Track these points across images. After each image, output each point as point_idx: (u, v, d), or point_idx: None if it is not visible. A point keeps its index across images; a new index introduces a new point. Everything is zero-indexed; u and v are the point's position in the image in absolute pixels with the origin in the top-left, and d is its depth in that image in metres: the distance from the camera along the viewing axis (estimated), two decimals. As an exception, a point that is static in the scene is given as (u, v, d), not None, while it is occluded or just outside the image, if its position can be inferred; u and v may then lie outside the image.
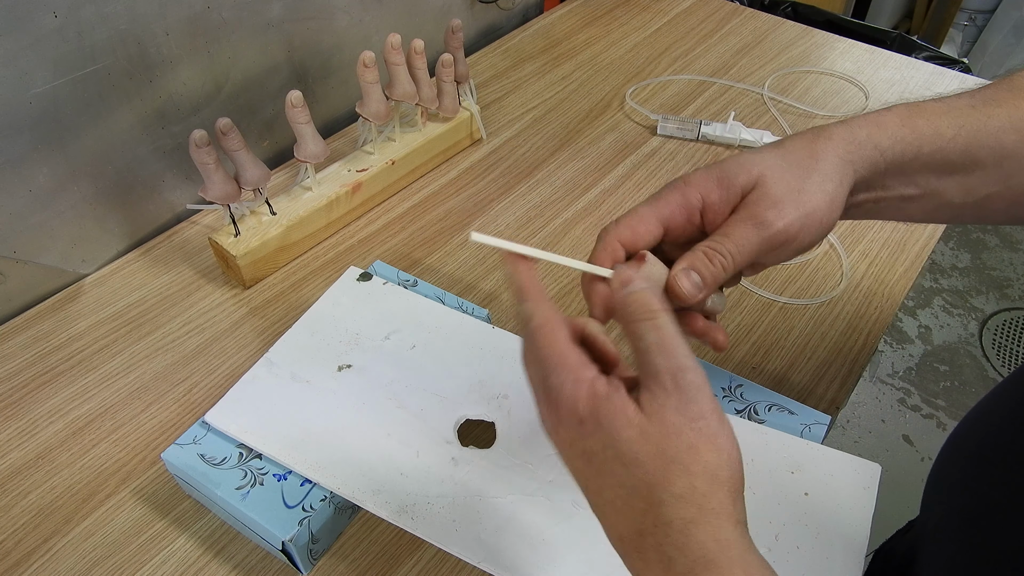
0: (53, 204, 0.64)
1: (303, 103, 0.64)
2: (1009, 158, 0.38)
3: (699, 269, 0.37)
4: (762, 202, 0.36)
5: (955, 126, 0.38)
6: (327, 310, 0.57)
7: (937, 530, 0.43)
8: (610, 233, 0.38)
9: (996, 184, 0.38)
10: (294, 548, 0.45)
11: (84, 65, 0.60)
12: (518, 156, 0.82)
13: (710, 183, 0.38)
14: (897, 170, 0.39)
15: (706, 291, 0.37)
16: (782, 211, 0.36)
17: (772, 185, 0.37)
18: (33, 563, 0.49)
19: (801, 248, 0.38)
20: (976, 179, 0.39)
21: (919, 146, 0.38)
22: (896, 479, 1.52)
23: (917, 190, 0.39)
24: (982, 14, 2.36)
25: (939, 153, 0.38)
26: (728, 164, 0.38)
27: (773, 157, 0.38)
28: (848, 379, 0.59)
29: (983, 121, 0.38)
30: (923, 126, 0.38)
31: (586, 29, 1.03)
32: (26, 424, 0.57)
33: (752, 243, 0.36)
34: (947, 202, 0.40)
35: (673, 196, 0.38)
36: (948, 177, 0.39)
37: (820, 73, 0.94)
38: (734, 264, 0.36)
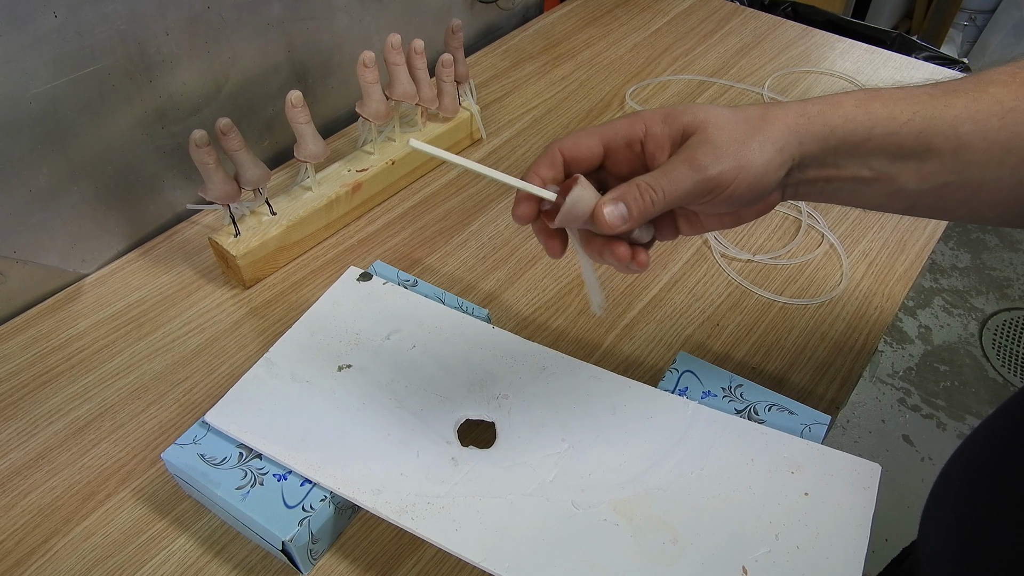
0: (53, 204, 0.64)
1: (303, 103, 0.64)
2: (965, 148, 0.38)
3: (627, 200, 0.37)
4: (702, 147, 0.37)
5: (910, 111, 0.38)
6: (327, 310, 0.57)
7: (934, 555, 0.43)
8: (554, 145, 0.39)
9: (952, 174, 0.38)
10: (294, 548, 0.45)
11: (84, 65, 0.60)
12: (518, 156, 0.82)
13: (656, 116, 0.39)
14: (850, 149, 0.39)
15: (631, 223, 0.38)
16: (719, 158, 0.37)
17: (714, 132, 0.37)
18: (33, 563, 0.49)
19: (734, 200, 0.39)
20: (931, 166, 0.38)
21: (871, 127, 0.38)
22: (896, 479, 1.52)
23: (871, 172, 0.39)
24: (982, 14, 2.36)
25: (892, 136, 0.38)
26: (677, 106, 0.39)
27: (723, 110, 0.39)
28: (848, 379, 0.59)
29: (940, 109, 0.38)
30: (878, 108, 0.38)
31: (586, 29, 1.03)
32: (26, 424, 0.57)
33: (685, 183, 0.37)
34: (902, 188, 0.40)
35: (619, 123, 0.40)
36: (902, 162, 0.39)
37: (820, 73, 0.94)
38: (664, 201, 0.37)
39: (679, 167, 0.37)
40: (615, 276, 0.68)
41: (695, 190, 0.37)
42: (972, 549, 0.38)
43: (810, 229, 0.72)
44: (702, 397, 0.52)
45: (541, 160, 0.39)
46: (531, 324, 0.64)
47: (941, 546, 0.42)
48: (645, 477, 0.47)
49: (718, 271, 0.68)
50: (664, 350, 0.61)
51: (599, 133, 0.39)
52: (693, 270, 0.68)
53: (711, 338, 0.62)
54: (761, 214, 0.41)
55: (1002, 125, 0.37)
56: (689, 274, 0.68)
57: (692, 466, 0.47)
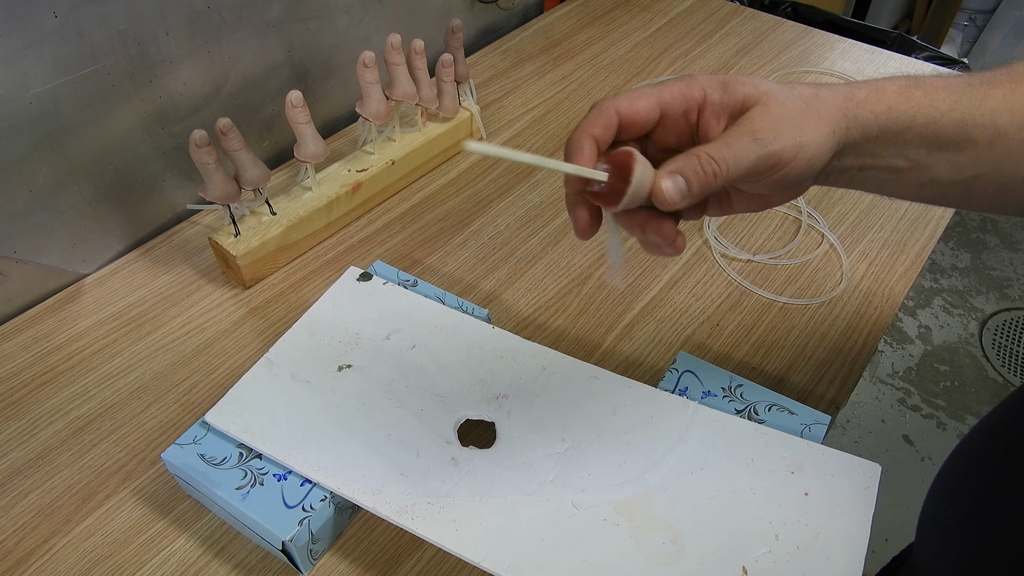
0: (53, 204, 0.64)
1: (303, 103, 0.64)
2: (1002, 138, 0.37)
3: (687, 174, 0.35)
4: (763, 119, 0.35)
5: (951, 101, 0.37)
6: (327, 310, 0.57)
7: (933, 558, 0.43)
8: (609, 100, 0.36)
9: (986, 165, 0.38)
10: (294, 548, 0.45)
11: (84, 65, 0.60)
12: (518, 156, 0.82)
13: (714, 83, 0.37)
14: (889, 138, 0.38)
15: (690, 199, 0.35)
16: (780, 134, 0.35)
17: (775, 107, 0.36)
18: (33, 563, 0.49)
19: (784, 181, 0.37)
20: (966, 157, 0.38)
21: (913, 116, 0.37)
22: (896, 479, 1.52)
23: (906, 162, 0.39)
24: (982, 14, 2.36)
25: (932, 126, 0.37)
26: (735, 76, 0.37)
27: (777, 86, 0.37)
28: (848, 379, 0.59)
29: (979, 100, 0.37)
30: (920, 97, 0.38)
31: (586, 29, 1.03)
32: (26, 424, 0.57)
33: (749, 157, 0.35)
34: (934, 178, 0.39)
35: (676, 84, 0.37)
36: (938, 152, 0.38)
37: (820, 73, 0.94)
38: (726, 175, 0.35)
39: (742, 139, 0.35)
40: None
41: (757, 166, 0.35)
42: (972, 551, 0.38)
43: (810, 229, 0.72)
44: (702, 397, 0.52)
45: (595, 119, 0.36)
46: (531, 324, 0.64)
47: (940, 548, 0.42)
48: (645, 477, 0.47)
49: (718, 271, 0.68)
50: (664, 350, 0.61)
51: (656, 96, 0.37)
52: (693, 270, 0.68)
53: (711, 338, 0.62)
54: (790, 200, 0.41)
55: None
56: (689, 274, 0.68)
57: (692, 466, 0.47)
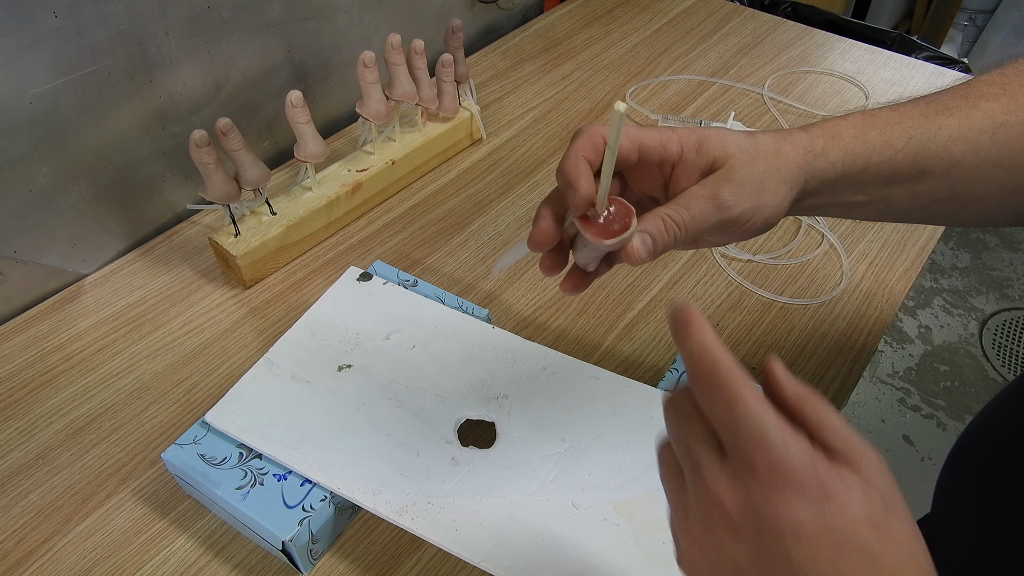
0: (53, 204, 0.64)
1: (303, 103, 0.64)
2: (956, 166, 0.39)
3: (654, 235, 0.38)
4: (726, 184, 0.38)
5: (905, 137, 0.39)
6: (327, 310, 0.57)
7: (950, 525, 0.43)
8: (595, 127, 0.38)
9: (942, 191, 0.40)
10: (294, 548, 0.45)
11: (84, 65, 0.60)
12: (518, 156, 0.82)
13: (692, 142, 0.39)
14: (847, 180, 0.40)
15: (653, 256, 0.38)
16: (741, 198, 0.37)
17: (738, 169, 0.38)
18: (33, 563, 0.49)
19: (741, 235, 0.40)
20: (923, 187, 0.40)
21: (868, 156, 0.39)
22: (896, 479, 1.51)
23: (864, 197, 0.40)
24: (982, 14, 2.36)
25: (888, 163, 0.39)
26: (710, 134, 0.39)
27: (745, 143, 0.39)
28: (848, 379, 0.59)
29: (933, 132, 0.39)
30: (874, 137, 0.39)
31: (586, 29, 1.03)
32: (26, 424, 0.57)
33: (707, 220, 0.38)
34: (893, 207, 0.41)
35: (660, 134, 0.39)
36: (896, 186, 0.40)
37: (820, 73, 0.94)
38: (685, 236, 0.38)
39: (703, 203, 0.37)
40: (615, 276, 0.68)
41: (715, 227, 0.38)
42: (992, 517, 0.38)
43: (810, 229, 0.72)
44: (702, 397, 0.52)
45: (584, 144, 0.38)
46: (531, 324, 0.64)
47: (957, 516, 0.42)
48: (645, 477, 0.47)
49: (718, 271, 0.68)
50: (664, 350, 0.61)
51: (638, 137, 0.38)
52: (693, 270, 0.68)
53: (711, 338, 0.62)
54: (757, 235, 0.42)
55: (993, 141, 0.38)
56: (689, 274, 0.68)
57: (692, 466, 0.47)
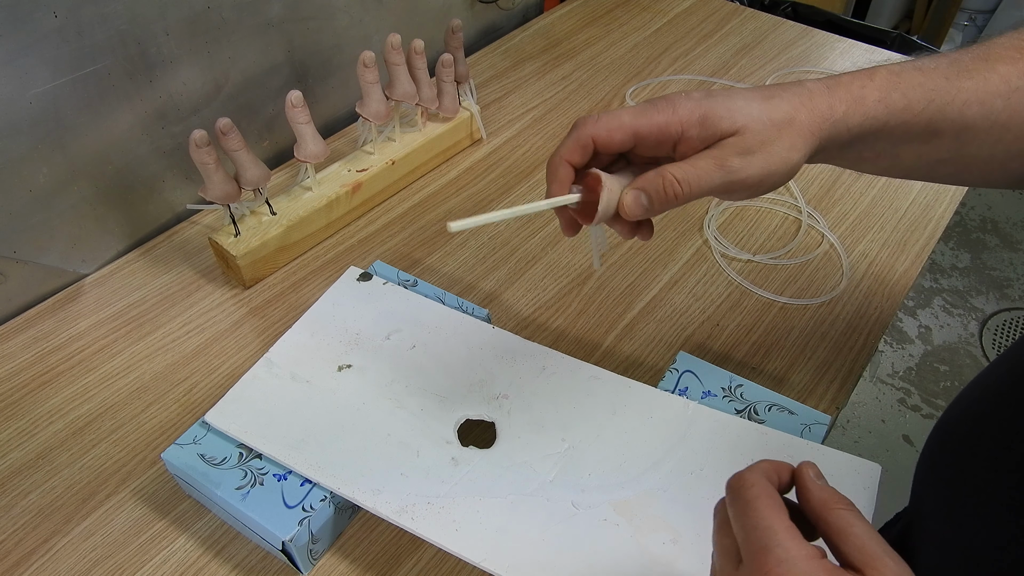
0: (53, 204, 0.64)
1: (303, 103, 0.64)
2: (967, 129, 0.39)
3: (649, 191, 0.38)
4: (734, 147, 0.37)
5: (926, 99, 0.39)
6: (327, 310, 0.57)
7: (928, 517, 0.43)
8: (587, 126, 0.38)
9: (949, 152, 0.40)
10: (294, 548, 0.45)
11: (84, 65, 0.60)
12: (518, 156, 0.82)
13: (694, 119, 0.38)
14: (861, 141, 0.40)
15: (651, 212, 0.38)
16: (749, 162, 0.37)
17: (749, 139, 0.37)
18: (33, 563, 0.49)
19: (749, 195, 0.40)
20: (932, 148, 0.40)
21: (887, 121, 0.39)
22: (896, 479, 1.51)
23: (872, 154, 0.41)
24: (982, 14, 2.36)
25: (904, 126, 0.39)
26: (716, 105, 0.38)
27: (757, 111, 0.38)
28: (848, 379, 0.59)
29: (952, 95, 0.38)
30: (897, 100, 0.39)
31: (586, 29, 1.03)
32: (26, 424, 0.57)
33: (713, 183, 0.37)
34: (898, 165, 0.41)
35: (657, 117, 0.38)
36: (906, 145, 0.40)
37: (820, 73, 0.94)
38: (687, 195, 0.37)
39: (708, 164, 0.37)
40: (615, 277, 0.68)
41: (719, 188, 0.38)
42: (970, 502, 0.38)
43: (810, 229, 0.72)
44: (702, 397, 0.52)
45: (571, 145, 0.39)
46: (531, 324, 0.64)
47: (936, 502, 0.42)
48: (645, 477, 0.47)
49: (718, 271, 0.68)
50: (664, 350, 0.61)
51: (633, 127, 0.38)
52: (693, 270, 0.68)
53: (711, 338, 0.62)
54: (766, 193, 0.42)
55: (1005, 105, 0.38)
56: (689, 274, 0.68)
57: (692, 466, 0.47)
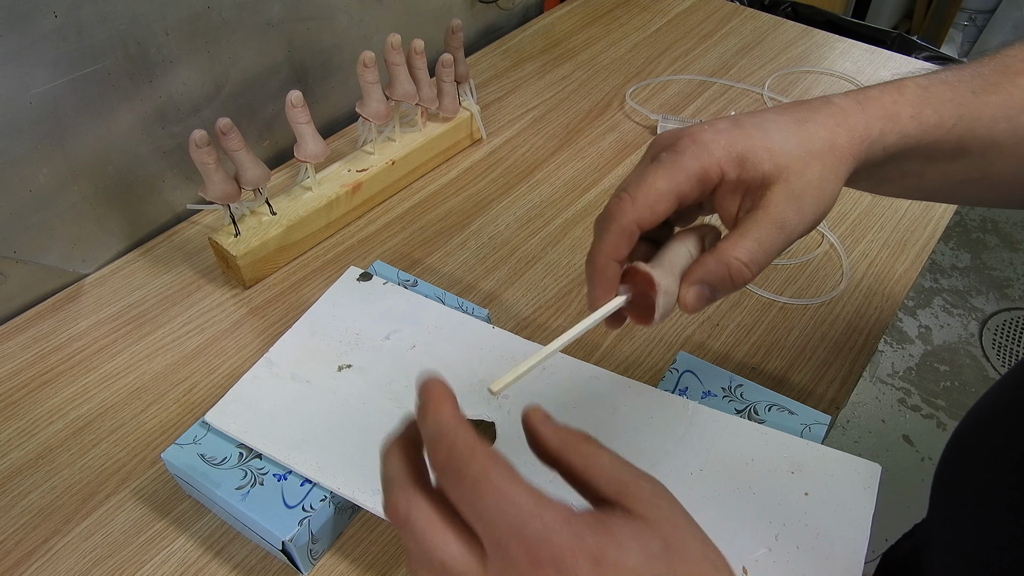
0: (53, 204, 0.64)
1: (303, 103, 0.64)
2: (994, 147, 0.38)
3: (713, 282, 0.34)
4: (785, 199, 0.34)
5: (956, 115, 0.37)
6: (327, 310, 0.57)
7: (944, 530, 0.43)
8: (626, 213, 0.34)
9: (975, 171, 0.39)
10: (294, 548, 0.45)
11: (84, 65, 0.60)
12: (518, 156, 0.82)
13: (731, 159, 0.34)
14: (892, 160, 0.39)
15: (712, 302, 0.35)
16: (803, 211, 0.34)
17: (796, 182, 0.34)
18: (33, 563, 0.49)
19: None
20: (959, 166, 0.39)
21: (919, 138, 0.37)
22: (896, 479, 1.52)
23: (899, 173, 0.40)
24: (982, 14, 2.36)
25: (935, 144, 0.38)
26: (753, 143, 0.34)
27: (795, 146, 0.34)
28: (848, 379, 0.59)
29: (980, 110, 0.37)
30: (929, 116, 0.37)
31: (586, 29, 1.03)
32: (26, 424, 0.57)
33: (777, 248, 0.34)
34: (922, 185, 0.40)
35: (692, 165, 0.34)
36: (932, 163, 0.39)
37: (820, 73, 0.94)
38: (755, 276, 0.34)
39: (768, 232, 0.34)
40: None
41: (783, 250, 0.35)
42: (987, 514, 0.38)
43: (810, 229, 0.72)
44: (702, 397, 0.52)
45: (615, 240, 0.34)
46: (531, 324, 0.64)
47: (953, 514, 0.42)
48: (645, 477, 0.47)
49: (718, 271, 0.68)
50: (664, 350, 0.61)
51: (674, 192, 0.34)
52: (693, 270, 0.68)
53: (711, 338, 0.62)
54: None
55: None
56: (689, 274, 0.68)
57: (692, 466, 0.47)
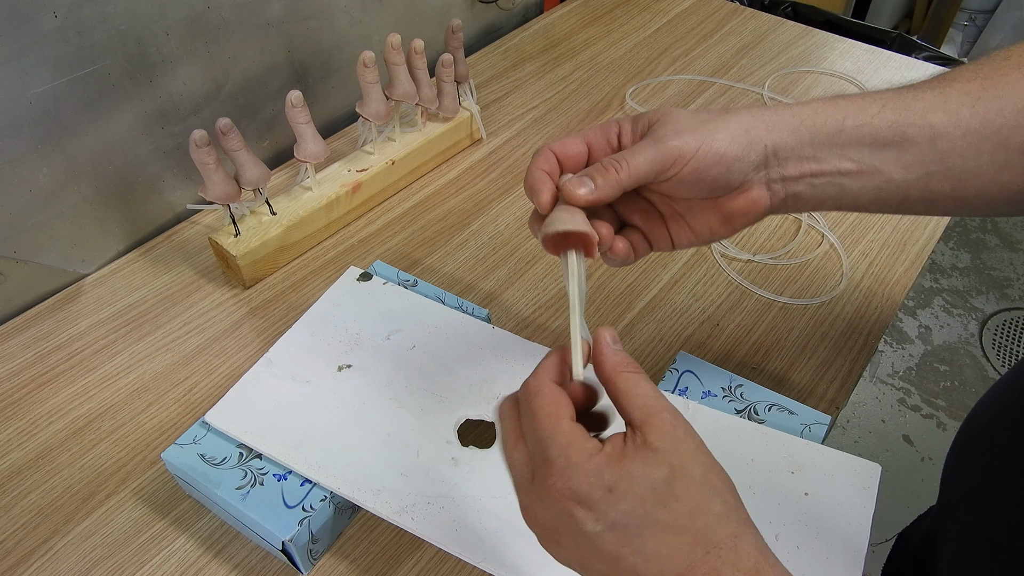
0: (53, 204, 0.64)
1: (303, 103, 0.64)
2: (940, 137, 0.38)
3: (592, 175, 0.40)
4: (664, 126, 0.40)
5: (879, 104, 0.39)
6: (327, 310, 0.57)
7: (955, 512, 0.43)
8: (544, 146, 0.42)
9: (934, 163, 0.39)
10: (294, 548, 0.45)
11: (84, 65, 0.60)
12: (518, 156, 0.82)
13: (627, 119, 0.43)
14: (825, 140, 0.39)
15: (598, 193, 0.40)
16: (679, 133, 0.39)
17: (676, 116, 0.40)
18: (33, 563, 0.49)
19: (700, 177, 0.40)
20: (911, 155, 0.39)
21: (843, 119, 0.39)
22: (896, 479, 1.52)
23: (854, 165, 0.40)
24: (982, 14, 2.36)
25: (866, 126, 0.39)
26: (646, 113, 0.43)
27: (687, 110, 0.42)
28: (848, 379, 0.59)
29: (909, 101, 0.39)
30: (846, 105, 0.40)
31: (586, 29, 1.03)
32: (26, 424, 0.57)
33: (647, 154, 0.39)
34: (889, 179, 0.40)
35: (596, 127, 0.43)
36: (881, 152, 0.39)
37: (820, 73, 0.94)
38: (628, 171, 0.39)
39: (641, 143, 0.40)
40: (615, 276, 0.68)
41: (656, 160, 0.39)
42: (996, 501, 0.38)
43: (810, 229, 0.72)
44: (702, 397, 0.52)
45: (539, 158, 0.42)
46: (531, 324, 0.64)
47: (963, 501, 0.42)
48: (645, 477, 0.47)
49: (718, 271, 0.68)
50: (664, 350, 0.61)
51: (581, 136, 0.42)
52: (693, 270, 0.69)
53: (711, 338, 0.62)
54: (747, 215, 0.42)
55: (973, 113, 0.38)
56: (689, 274, 0.68)
57: (692, 466, 0.47)
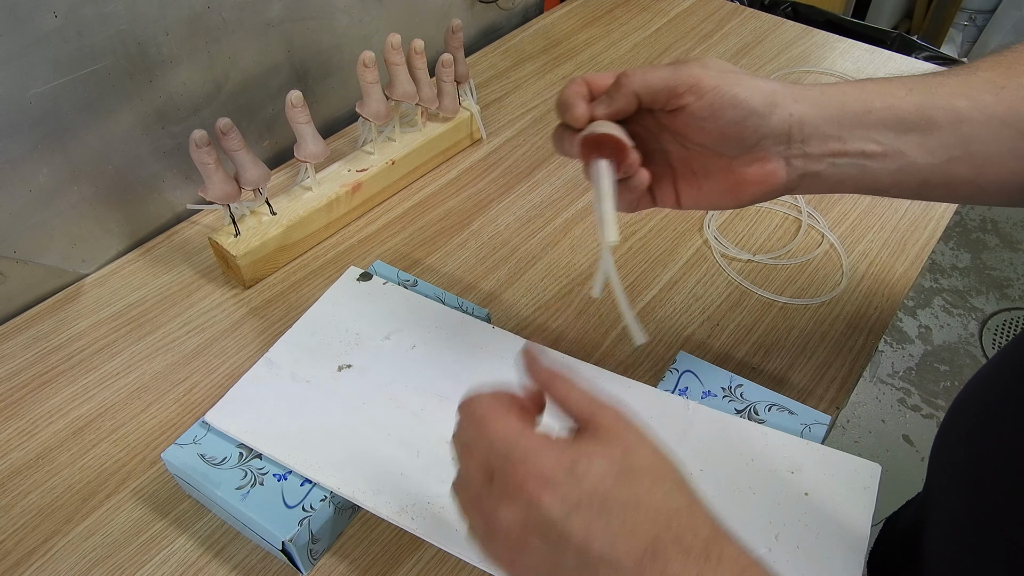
0: (53, 204, 0.64)
1: (303, 103, 0.64)
2: (964, 121, 0.39)
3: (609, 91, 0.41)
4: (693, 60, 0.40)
5: (905, 88, 0.40)
6: (327, 310, 0.57)
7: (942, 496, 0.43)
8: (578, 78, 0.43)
9: (957, 147, 0.39)
10: (294, 548, 0.45)
11: (84, 65, 0.60)
12: (518, 156, 0.82)
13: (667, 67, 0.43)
14: (851, 121, 0.40)
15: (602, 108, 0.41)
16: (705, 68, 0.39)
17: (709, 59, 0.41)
18: (33, 563, 0.49)
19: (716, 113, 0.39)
20: (935, 140, 0.39)
21: (869, 101, 0.39)
22: (896, 479, 1.52)
23: (878, 147, 0.40)
24: (982, 14, 2.36)
25: (892, 109, 0.39)
26: None
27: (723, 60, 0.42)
28: (848, 379, 0.59)
29: (933, 87, 0.39)
30: (872, 87, 0.40)
31: (586, 29, 1.03)
32: (26, 424, 0.57)
33: (663, 73, 0.39)
34: (911, 162, 0.40)
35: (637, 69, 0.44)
36: (906, 135, 0.39)
37: (820, 73, 0.94)
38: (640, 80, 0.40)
39: (661, 65, 0.41)
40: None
41: (671, 79, 0.39)
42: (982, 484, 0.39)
43: (810, 229, 0.72)
44: (702, 397, 0.52)
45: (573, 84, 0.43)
46: (531, 324, 0.64)
47: (950, 484, 0.42)
48: (645, 477, 0.47)
49: (718, 271, 0.68)
50: (664, 350, 0.61)
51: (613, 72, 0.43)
52: (693, 270, 0.68)
53: (711, 338, 0.62)
54: (759, 186, 0.41)
55: (998, 100, 0.38)
56: (689, 274, 0.68)
57: (692, 466, 0.47)
